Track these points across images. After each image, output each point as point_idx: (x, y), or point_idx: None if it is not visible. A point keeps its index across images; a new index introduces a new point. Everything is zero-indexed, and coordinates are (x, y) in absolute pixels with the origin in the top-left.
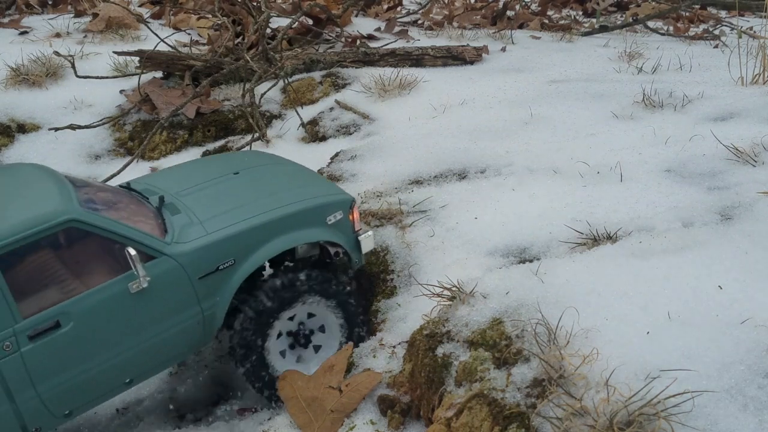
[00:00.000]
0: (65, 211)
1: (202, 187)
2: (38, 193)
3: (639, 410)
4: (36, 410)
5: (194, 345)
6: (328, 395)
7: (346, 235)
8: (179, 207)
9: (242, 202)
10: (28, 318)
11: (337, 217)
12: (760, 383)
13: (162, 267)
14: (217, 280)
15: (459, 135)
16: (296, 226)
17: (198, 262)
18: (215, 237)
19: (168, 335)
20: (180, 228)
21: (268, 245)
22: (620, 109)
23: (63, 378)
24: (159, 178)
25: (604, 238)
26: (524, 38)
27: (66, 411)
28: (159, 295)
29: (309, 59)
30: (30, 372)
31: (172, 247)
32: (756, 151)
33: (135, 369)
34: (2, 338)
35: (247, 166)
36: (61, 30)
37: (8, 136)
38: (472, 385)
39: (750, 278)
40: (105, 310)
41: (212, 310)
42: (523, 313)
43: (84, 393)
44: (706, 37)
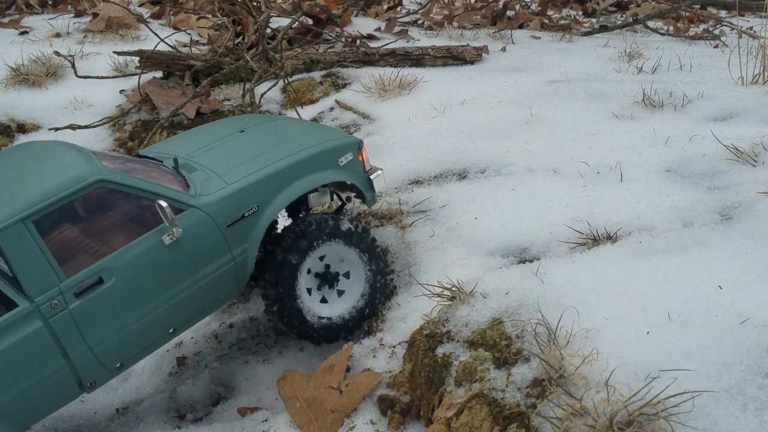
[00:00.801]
0: (93, 173)
1: (211, 147)
2: (65, 161)
3: (639, 410)
4: (89, 364)
5: (230, 292)
6: (328, 395)
7: (359, 174)
8: (195, 166)
9: (255, 154)
10: (72, 276)
11: (348, 158)
12: (760, 383)
13: (191, 218)
14: (244, 227)
15: (459, 135)
16: (311, 170)
17: (224, 211)
18: (237, 186)
19: (204, 284)
20: (201, 182)
21: (287, 190)
22: (620, 109)
23: (111, 331)
24: (167, 146)
25: (604, 238)
26: (524, 38)
27: (117, 364)
28: (191, 245)
29: (309, 59)
30: (80, 327)
31: (198, 199)
32: (756, 151)
33: (177, 318)
34: (50, 297)
35: (251, 124)
36: (61, 30)
37: (8, 136)
38: (472, 385)
39: (750, 278)
40: (143, 263)
41: (243, 257)
42: (523, 313)
43: (132, 345)
44: (706, 37)
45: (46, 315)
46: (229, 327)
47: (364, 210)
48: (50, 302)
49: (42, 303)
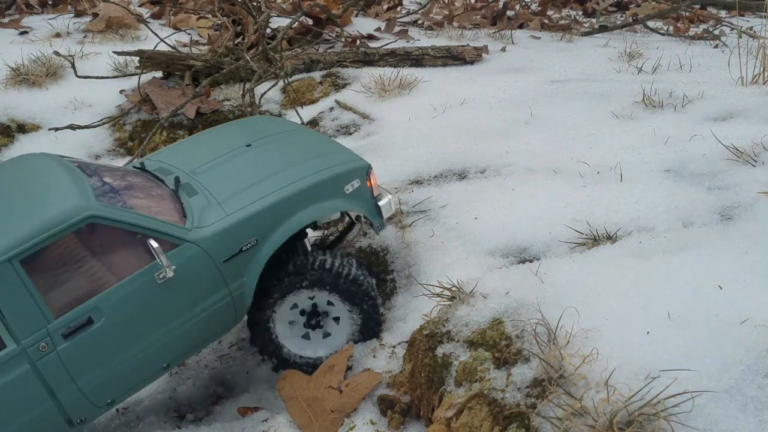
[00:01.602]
0: (84, 208)
1: (216, 164)
2: (53, 189)
3: (639, 410)
4: (78, 403)
5: (227, 325)
6: (328, 395)
7: (365, 202)
8: (195, 187)
9: (259, 178)
10: (60, 317)
11: (354, 186)
12: (760, 383)
13: (186, 254)
14: (242, 261)
15: (459, 135)
16: (316, 199)
17: (221, 246)
18: (235, 218)
19: (199, 319)
20: (199, 211)
21: (289, 221)
22: (620, 109)
23: (101, 371)
24: (171, 155)
25: (604, 238)
26: (524, 38)
27: (108, 400)
28: (186, 281)
29: (309, 59)
30: (68, 369)
31: (194, 233)
32: (756, 151)
33: (171, 354)
34: (37, 339)
35: (258, 136)
36: (61, 30)
37: (8, 136)
38: (472, 385)
39: (750, 278)
40: (134, 301)
41: (240, 291)
42: (523, 313)
43: (123, 382)
44: (706, 37)
45: (33, 357)
46: None
47: None
48: (38, 344)
49: (29, 345)
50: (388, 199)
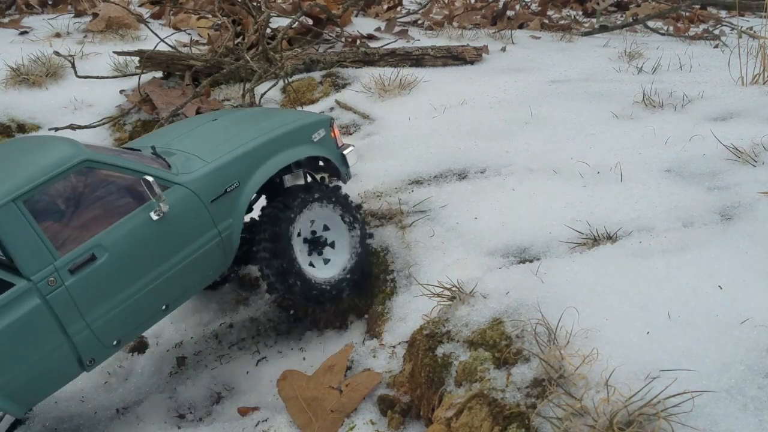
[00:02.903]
0: (78, 154)
1: (187, 135)
2: (50, 146)
3: (639, 410)
4: (88, 341)
5: (217, 268)
6: (328, 395)
7: (332, 150)
8: (172, 152)
9: (231, 136)
10: (65, 254)
11: (321, 134)
12: (760, 383)
13: (176, 195)
14: (227, 202)
15: (459, 135)
16: (287, 146)
17: (207, 187)
18: (217, 164)
19: (193, 259)
20: (182, 163)
21: (265, 165)
22: (620, 109)
23: (107, 307)
24: (142, 141)
25: (604, 238)
26: (524, 38)
27: (114, 341)
28: (178, 220)
29: (309, 59)
30: (77, 303)
31: (181, 177)
32: (756, 151)
33: (169, 294)
34: (46, 274)
35: (222, 114)
36: (61, 30)
37: (8, 136)
38: (472, 385)
39: (750, 278)
40: (133, 239)
41: (228, 231)
42: (523, 313)
43: (128, 321)
44: (706, 37)
45: (43, 292)
46: (229, 327)
47: (364, 210)
48: (47, 279)
49: (39, 280)
50: (351, 148)
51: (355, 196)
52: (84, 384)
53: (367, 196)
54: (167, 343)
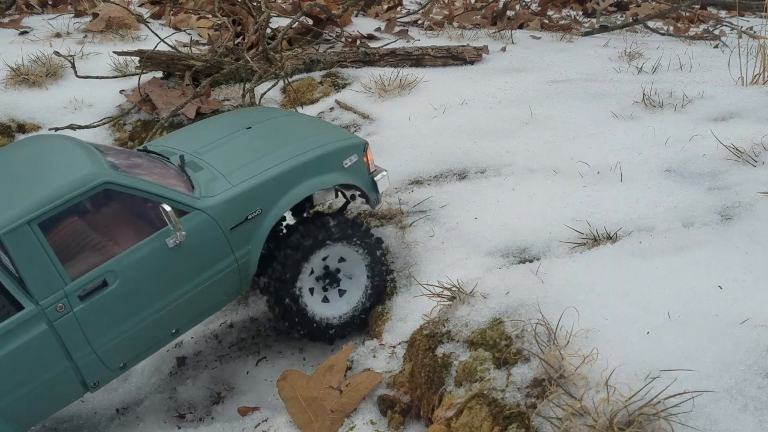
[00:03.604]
0: (99, 175)
1: (218, 144)
2: (70, 160)
3: (639, 410)
4: (93, 365)
5: (232, 293)
6: (328, 395)
7: (363, 176)
8: (200, 164)
9: (261, 154)
10: (76, 279)
11: (353, 160)
12: (760, 383)
13: (195, 221)
14: (248, 229)
15: (459, 135)
16: (316, 172)
17: (228, 214)
18: (241, 188)
19: (207, 285)
20: (206, 183)
21: (291, 192)
22: (620, 109)
23: (115, 333)
24: (174, 140)
25: (604, 238)
26: (524, 38)
27: (121, 364)
28: (195, 248)
29: (309, 59)
30: (84, 330)
31: (202, 201)
32: (756, 151)
33: (180, 320)
34: (55, 300)
35: (257, 120)
36: (61, 30)
37: (8, 136)
38: (472, 385)
39: (750, 278)
40: (147, 265)
41: (246, 258)
42: (523, 313)
43: (136, 346)
44: (706, 37)
45: (51, 318)
46: (229, 327)
47: (364, 210)
48: (55, 305)
49: (47, 306)
50: (384, 174)
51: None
52: None
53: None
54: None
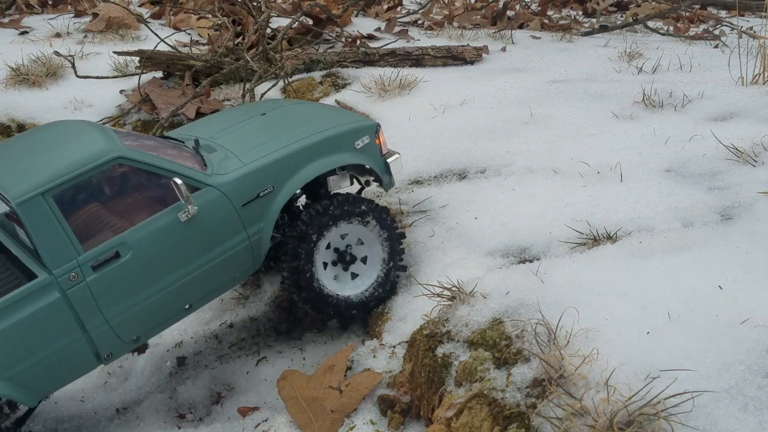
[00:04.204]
0: (112, 150)
1: (233, 129)
2: (85, 138)
3: (639, 410)
4: (106, 336)
5: (245, 270)
6: (328, 395)
7: (375, 158)
8: (214, 147)
9: (274, 135)
10: (89, 250)
11: (365, 141)
12: (760, 383)
13: (207, 197)
14: (260, 206)
15: (459, 135)
16: (328, 152)
17: (239, 191)
18: (253, 166)
19: (219, 261)
20: (218, 162)
21: (303, 171)
22: (620, 109)
23: (127, 305)
24: (191, 129)
25: (604, 238)
26: (524, 38)
27: (134, 337)
28: (207, 223)
29: (309, 59)
30: (97, 300)
31: (214, 179)
32: (756, 151)
33: (193, 295)
34: (68, 269)
35: (272, 108)
36: (61, 30)
37: (8, 136)
38: (472, 385)
39: (750, 278)
40: (159, 239)
41: (258, 236)
42: (523, 313)
43: (148, 319)
44: (706, 37)
45: (64, 287)
46: (229, 327)
47: None
48: (68, 274)
49: (60, 275)
50: (397, 156)
51: None
52: (84, 384)
53: (368, 196)
54: (167, 343)
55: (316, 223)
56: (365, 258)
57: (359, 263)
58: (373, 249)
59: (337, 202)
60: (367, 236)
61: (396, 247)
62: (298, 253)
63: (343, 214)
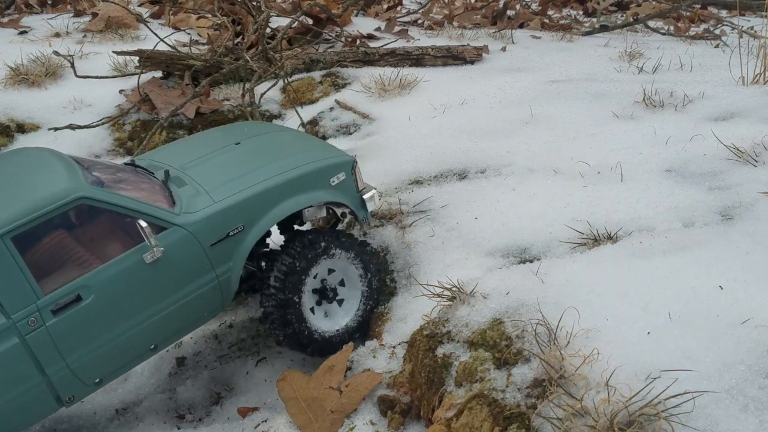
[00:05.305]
0: (75, 189)
1: (205, 159)
2: (48, 174)
3: (639, 410)
4: (67, 380)
5: (213, 309)
6: (328, 395)
7: (351, 195)
8: (185, 179)
9: (247, 170)
10: (49, 294)
11: (340, 178)
12: (761, 383)
13: (174, 237)
14: (229, 246)
15: (459, 135)
16: (301, 189)
17: (208, 230)
18: (223, 205)
19: (186, 301)
20: (188, 198)
21: (275, 209)
22: (621, 109)
23: (89, 348)
24: (162, 154)
25: (605, 238)
26: (524, 38)
27: (96, 379)
28: (173, 264)
29: (309, 59)
30: (57, 344)
31: (182, 217)
32: (756, 151)
33: (158, 335)
34: (27, 314)
35: (247, 136)
36: (60, 30)
37: (7, 136)
38: (473, 386)
39: (750, 278)
40: (123, 281)
41: (227, 275)
42: (523, 313)
43: (111, 361)
44: (707, 37)
45: (22, 332)
46: (229, 327)
47: None
48: (27, 319)
49: (19, 320)
50: (373, 192)
51: None
52: None
53: None
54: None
55: (305, 255)
56: (342, 281)
57: (339, 296)
58: (348, 270)
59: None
60: (348, 271)
61: (366, 258)
62: (285, 285)
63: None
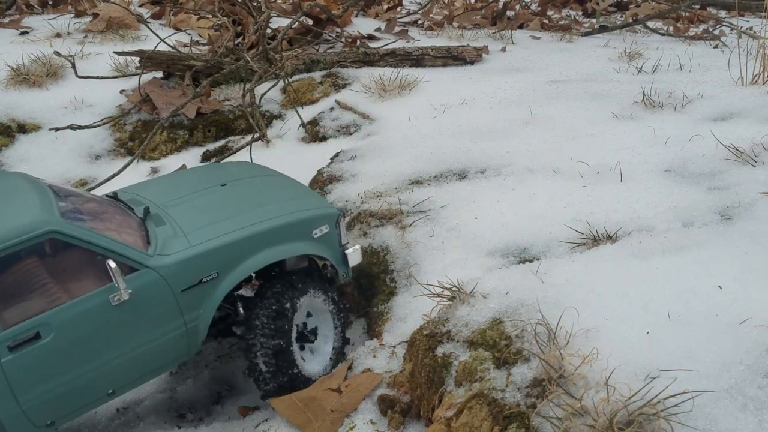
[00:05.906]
0: (45, 222)
1: (188, 198)
2: (19, 204)
3: (639, 410)
4: (17, 420)
5: (178, 357)
6: (328, 395)
7: (333, 248)
8: (164, 218)
9: (228, 215)
10: (8, 329)
11: (323, 231)
12: (760, 383)
13: (144, 279)
14: (200, 292)
15: (459, 135)
16: (281, 240)
17: (180, 275)
18: (198, 249)
19: (150, 347)
20: (164, 240)
21: (252, 258)
22: (620, 109)
23: (44, 389)
24: (147, 188)
25: (604, 238)
26: (524, 38)
27: (48, 421)
28: (141, 307)
29: (309, 59)
30: (10, 382)
31: (155, 260)
32: (756, 151)
33: (117, 380)
34: None
35: (234, 177)
36: (61, 30)
37: (8, 136)
38: (472, 385)
39: (750, 278)
40: (86, 321)
41: (195, 323)
42: (523, 313)
43: (66, 404)
44: (706, 37)
45: None
46: None
47: (364, 210)
48: None
49: None
50: (356, 248)
51: (355, 196)
52: None
53: (367, 196)
54: None
55: (290, 297)
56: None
57: (315, 340)
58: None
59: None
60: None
61: (344, 319)
62: (277, 330)
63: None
